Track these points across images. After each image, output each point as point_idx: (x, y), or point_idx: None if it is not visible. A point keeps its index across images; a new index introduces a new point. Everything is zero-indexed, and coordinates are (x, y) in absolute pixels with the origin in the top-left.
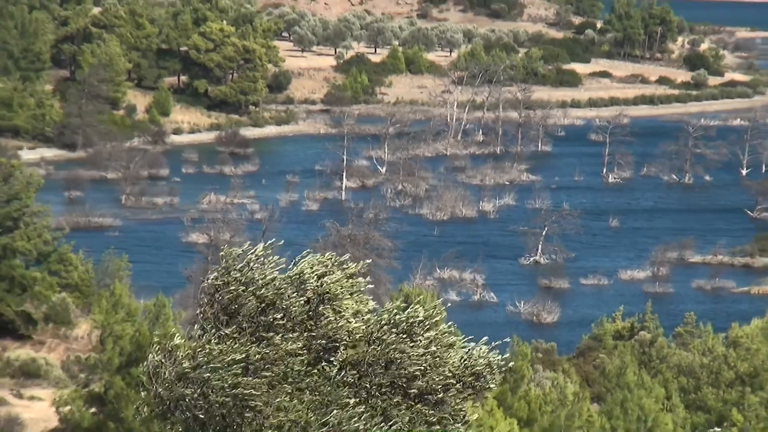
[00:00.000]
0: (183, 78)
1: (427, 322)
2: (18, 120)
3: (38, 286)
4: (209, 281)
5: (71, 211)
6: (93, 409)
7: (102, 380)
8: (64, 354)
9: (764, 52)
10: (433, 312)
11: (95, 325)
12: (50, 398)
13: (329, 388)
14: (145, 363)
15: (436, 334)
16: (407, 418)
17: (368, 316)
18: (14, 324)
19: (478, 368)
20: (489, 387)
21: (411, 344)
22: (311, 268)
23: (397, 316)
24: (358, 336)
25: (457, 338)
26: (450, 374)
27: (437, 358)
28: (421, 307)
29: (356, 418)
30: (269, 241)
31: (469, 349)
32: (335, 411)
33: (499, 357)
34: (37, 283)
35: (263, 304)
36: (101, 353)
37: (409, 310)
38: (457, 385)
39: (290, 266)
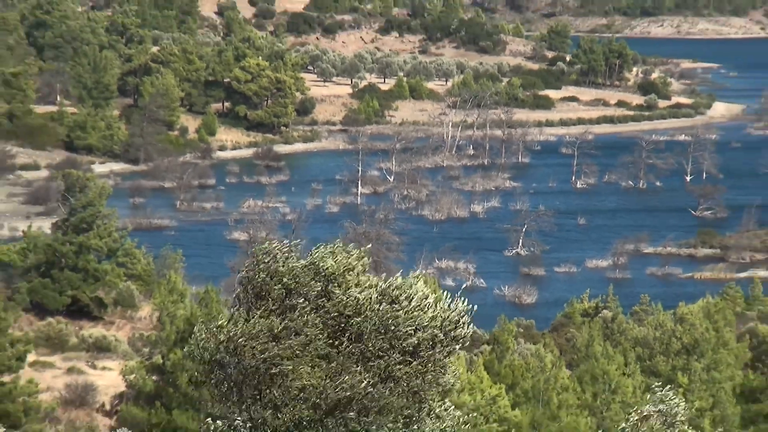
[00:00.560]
0: (226, 104)
1: (414, 292)
2: (91, 140)
3: (108, 276)
4: (242, 273)
5: (135, 215)
6: (154, 377)
7: (161, 353)
8: (130, 332)
9: (704, 79)
10: (426, 287)
11: (155, 307)
12: (118, 368)
13: (341, 358)
14: (193, 336)
15: (423, 303)
16: (406, 373)
17: (370, 289)
18: (89, 307)
19: (453, 317)
20: (465, 333)
21: (401, 310)
22: (322, 256)
23: (391, 288)
24: (361, 304)
25: (437, 296)
26: (435, 328)
27: (422, 319)
28: (415, 283)
29: (364, 383)
30: (291, 241)
31: (442, 301)
32: (347, 377)
33: (468, 305)
34: (107, 273)
35: (286, 291)
36: (160, 331)
37: (404, 284)
38: (441, 337)
39: (307, 255)
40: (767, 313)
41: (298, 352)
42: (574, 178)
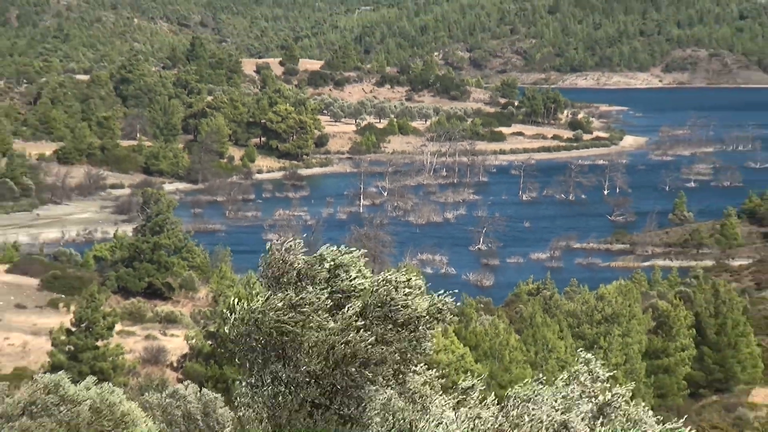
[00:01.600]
0: (262, 139)
1: (405, 281)
2: (162, 165)
3: (175, 267)
4: (263, 263)
5: (195, 221)
6: (209, 342)
7: (215, 324)
8: (191, 308)
9: (617, 119)
10: (411, 276)
11: (210, 290)
12: (183, 335)
13: (347, 321)
14: (225, 311)
15: (412, 289)
16: (397, 339)
17: (369, 278)
18: (161, 290)
19: (439, 306)
20: (446, 318)
21: (396, 292)
22: (329, 252)
23: (388, 275)
24: (362, 288)
25: (424, 286)
26: (422, 311)
27: (412, 301)
28: (404, 273)
29: (365, 342)
30: (301, 239)
31: (433, 295)
32: (351, 334)
33: (452, 300)
34: (174, 265)
35: (298, 275)
36: (214, 307)
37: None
38: (427, 317)
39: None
40: (664, 293)
41: (309, 316)
42: (520, 192)
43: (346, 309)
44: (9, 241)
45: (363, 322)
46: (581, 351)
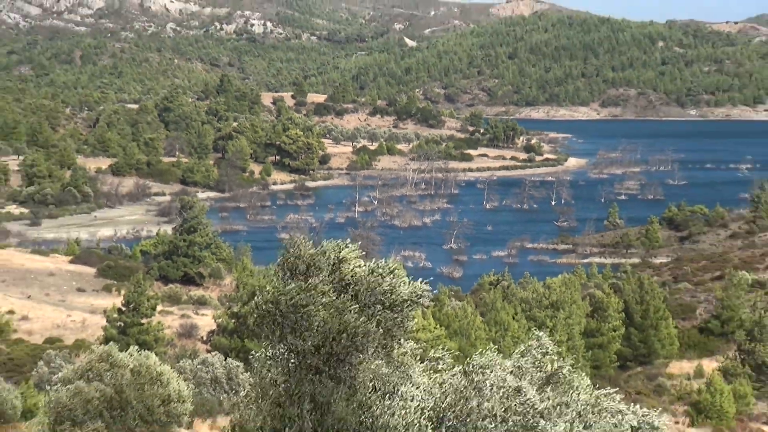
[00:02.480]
0: (277, 157)
1: (390, 271)
2: (196, 178)
3: (206, 259)
4: (280, 257)
5: (222, 223)
6: (232, 320)
7: (238, 305)
8: (218, 293)
9: (563, 144)
10: (395, 268)
11: (234, 278)
12: (211, 314)
13: (346, 304)
14: (257, 297)
15: (397, 279)
16: (385, 318)
17: (363, 267)
18: (194, 278)
19: (418, 292)
20: (423, 302)
21: (384, 280)
22: (330, 245)
23: (378, 268)
24: (357, 275)
25: (406, 277)
26: (405, 296)
27: (397, 287)
28: (389, 266)
29: (359, 321)
30: (308, 237)
31: (413, 282)
32: (347, 315)
33: (428, 288)
34: (205, 257)
35: (307, 266)
36: (237, 292)
37: (383, 265)
38: (409, 301)
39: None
40: (599, 284)
41: (316, 299)
42: (485, 202)
43: (341, 295)
44: (72, 238)
45: (356, 305)
46: (535, 329)
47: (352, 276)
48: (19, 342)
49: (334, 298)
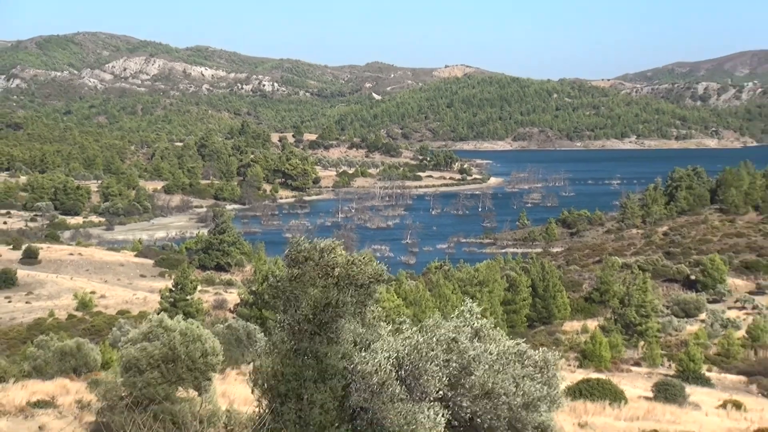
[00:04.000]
0: (283, 179)
1: (364, 260)
2: (225, 194)
3: (232, 253)
4: (287, 250)
5: (244, 227)
6: (252, 296)
7: (255, 285)
8: (242, 277)
9: (486, 167)
10: (369, 260)
11: (253, 266)
12: (237, 292)
13: (341, 283)
14: (269, 278)
15: (369, 266)
16: (357, 293)
17: (341, 257)
18: (224, 267)
19: (380, 272)
20: (385, 279)
21: (356, 267)
22: (321, 242)
23: (353, 258)
24: (338, 263)
25: (375, 264)
26: (369, 276)
27: (364, 270)
28: (363, 256)
29: (338, 295)
30: (306, 236)
31: (376, 265)
32: (331, 293)
33: (388, 268)
34: (232, 251)
35: (303, 258)
36: (255, 276)
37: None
38: (374, 279)
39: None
40: (513, 267)
41: (307, 282)
42: (431, 210)
43: (328, 278)
44: (136, 239)
45: (337, 284)
46: (468, 300)
47: (333, 264)
48: (99, 314)
49: (323, 278)
